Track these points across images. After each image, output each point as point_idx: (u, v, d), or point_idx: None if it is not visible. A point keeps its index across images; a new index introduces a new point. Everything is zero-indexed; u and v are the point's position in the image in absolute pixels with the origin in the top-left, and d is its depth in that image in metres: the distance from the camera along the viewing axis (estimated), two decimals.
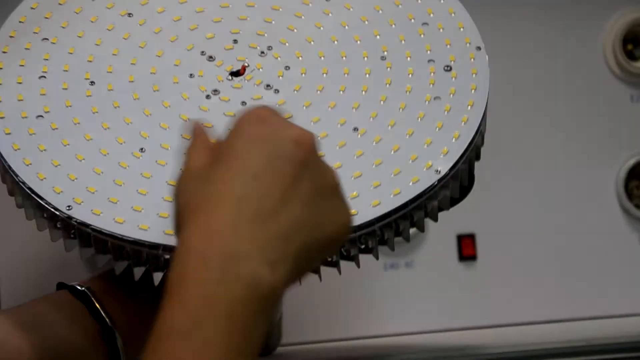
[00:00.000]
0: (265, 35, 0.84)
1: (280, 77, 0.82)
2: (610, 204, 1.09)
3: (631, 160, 1.08)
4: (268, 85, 0.82)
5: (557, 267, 1.09)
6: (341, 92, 0.82)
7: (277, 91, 0.82)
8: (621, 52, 1.08)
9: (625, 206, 1.07)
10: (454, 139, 0.77)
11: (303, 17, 0.85)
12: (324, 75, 0.82)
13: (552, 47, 1.09)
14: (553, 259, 1.09)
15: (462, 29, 0.83)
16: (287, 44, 0.84)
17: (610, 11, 1.10)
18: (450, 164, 0.75)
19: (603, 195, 1.09)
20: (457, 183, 0.75)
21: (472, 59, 0.82)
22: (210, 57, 0.83)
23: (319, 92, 0.82)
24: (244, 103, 0.81)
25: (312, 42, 0.83)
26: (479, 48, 0.82)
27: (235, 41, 0.84)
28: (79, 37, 0.83)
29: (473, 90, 0.80)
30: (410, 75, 0.82)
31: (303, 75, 0.83)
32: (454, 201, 0.77)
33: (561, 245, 1.09)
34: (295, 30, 0.84)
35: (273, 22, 0.84)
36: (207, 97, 0.81)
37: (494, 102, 0.83)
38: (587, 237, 1.10)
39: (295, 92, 0.82)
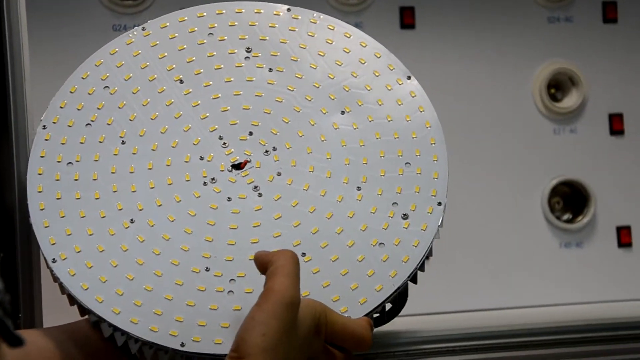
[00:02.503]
0: (277, 134, 0.84)
1: (270, 182, 0.81)
2: (536, 215, 1.16)
3: (553, 181, 1.16)
4: (255, 187, 0.81)
5: (494, 265, 1.15)
6: (310, 212, 0.81)
7: (260, 195, 0.81)
8: (546, 95, 1.16)
9: (549, 218, 1.16)
10: (376, 290, 0.78)
11: (314, 125, 0.84)
12: (304, 190, 0.82)
13: (491, 90, 1.17)
14: (491, 258, 1.15)
15: (435, 178, 0.83)
16: (289, 149, 0.83)
17: (538, 62, 1.17)
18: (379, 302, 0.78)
19: (531, 208, 1.16)
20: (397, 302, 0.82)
21: (429, 213, 0.82)
22: (225, 144, 0.83)
23: (293, 206, 0.81)
24: (229, 199, 0.81)
25: (310, 153, 0.83)
26: (439, 203, 0.82)
27: (250, 133, 0.83)
28: (133, 93, 0.84)
29: (414, 246, 0.81)
30: (373, 212, 0.81)
31: (288, 185, 0.82)
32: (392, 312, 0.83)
33: (498, 248, 1.15)
34: (302, 137, 0.84)
35: (289, 122, 0.84)
36: (204, 183, 0.81)
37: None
38: (518, 241, 1.16)
39: (274, 200, 0.81)
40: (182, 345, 0.75)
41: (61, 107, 0.84)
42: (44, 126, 0.84)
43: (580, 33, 1.18)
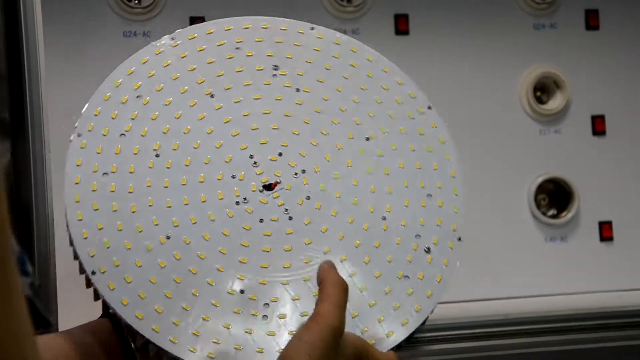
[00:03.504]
0: (306, 156, 0.81)
1: (299, 205, 0.79)
2: (523, 211, 1.17)
3: (539, 179, 1.17)
4: (286, 210, 0.79)
5: (483, 258, 1.16)
6: (339, 239, 0.78)
7: (290, 218, 0.79)
8: (532, 97, 1.17)
9: (535, 213, 1.17)
10: (403, 324, 0.76)
11: (341, 150, 0.82)
12: (332, 216, 0.79)
13: (480, 93, 1.17)
14: (480, 251, 1.16)
15: (456, 212, 0.81)
16: (317, 173, 0.80)
17: (524, 67, 1.18)
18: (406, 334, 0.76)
19: (519, 204, 1.18)
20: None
21: (450, 248, 0.80)
22: (255, 163, 0.80)
23: (322, 232, 0.79)
24: (261, 220, 0.78)
25: (337, 179, 0.81)
26: (459, 239, 0.81)
27: (280, 154, 0.81)
28: (166, 105, 0.81)
29: (437, 281, 0.79)
30: (397, 244, 0.79)
31: (317, 210, 0.79)
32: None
33: (487, 241, 1.16)
34: (329, 162, 0.81)
35: (317, 145, 0.81)
36: (237, 203, 0.79)
37: None
38: (505, 235, 1.17)
39: (304, 225, 0.79)
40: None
41: (95, 115, 0.80)
42: (79, 134, 0.80)
43: (564, 39, 1.19)
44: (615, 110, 1.20)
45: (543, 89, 1.20)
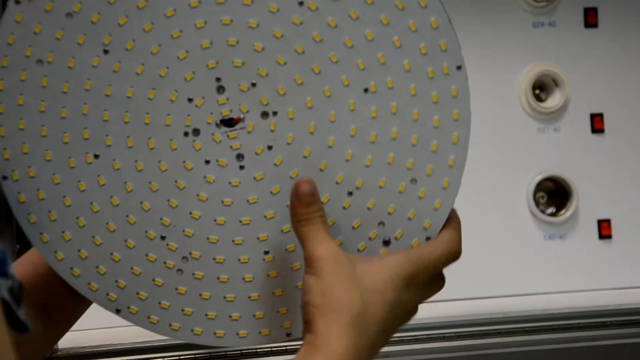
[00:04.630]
0: (284, 96, 0.67)
1: (257, 155, 0.68)
2: (522, 209, 1.17)
3: (538, 177, 1.16)
4: (239, 156, 0.68)
5: (482, 256, 1.15)
6: (287, 206, 0.67)
7: (242, 167, 0.68)
8: (531, 96, 1.17)
9: (533, 211, 1.16)
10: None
11: (329, 98, 0.67)
12: (290, 178, 0.68)
13: (480, 91, 1.10)
14: (479, 249, 1.15)
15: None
16: (291, 120, 0.68)
17: (523, 65, 1.18)
18: None
19: (517, 202, 1.17)
20: None
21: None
22: (220, 88, 0.67)
23: (272, 194, 0.69)
24: (207, 162, 0.68)
25: (312, 133, 0.68)
26: (428, 239, 0.69)
27: (253, 85, 0.67)
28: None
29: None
30: (353, 228, 0.69)
31: (275, 165, 0.68)
32: None
33: (486, 239, 1.15)
34: (310, 109, 0.68)
35: (302, 85, 0.67)
36: (185, 134, 0.68)
37: None
38: (505, 233, 1.16)
39: (254, 180, 0.68)
40: (118, 311, 0.70)
41: None
42: (17, 1, 0.66)
43: (563, 37, 1.18)
44: (614, 108, 1.20)
45: (542, 87, 1.19)
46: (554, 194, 1.19)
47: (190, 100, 0.67)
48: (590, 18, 1.19)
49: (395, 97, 0.68)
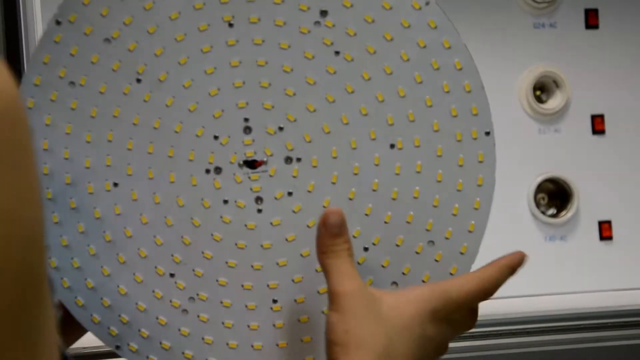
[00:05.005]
0: (310, 143, 0.66)
1: (276, 200, 0.67)
2: (523, 210, 1.17)
3: (539, 178, 1.16)
4: (258, 199, 0.67)
5: (483, 256, 0.98)
6: (302, 256, 0.66)
7: (259, 211, 0.67)
8: (532, 97, 1.17)
9: (534, 212, 1.16)
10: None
11: (354, 150, 0.66)
12: (307, 227, 0.67)
13: None
14: (481, 249, 1.02)
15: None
16: (314, 168, 0.66)
17: (524, 66, 1.17)
18: None
19: (518, 203, 1.17)
20: None
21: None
22: (248, 129, 0.66)
23: (287, 240, 0.67)
24: (225, 201, 0.66)
25: (333, 184, 0.67)
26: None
27: (281, 129, 0.66)
28: (170, 18, 0.65)
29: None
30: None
31: (293, 213, 0.67)
32: None
33: (487, 241, 0.99)
34: (334, 159, 0.66)
35: (329, 134, 0.66)
36: (207, 170, 0.66)
37: None
38: (505, 234, 1.15)
39: (271, 225, 0.67)
40: (117, 347, 0.68)
41: (84, 4, 0.65)
42: (58, 21, 0.65)
43: (563, 38, 1.18)
44: (615, 109, 1.20)
45: (543, 88, 1.19)
46: (554, 195, 1.19)
47: (216, 137, 0.66)
48: (591, 19, 1.19)
49: (421, 156, 0.67)
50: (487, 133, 0.69)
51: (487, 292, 0.68)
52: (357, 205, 0.67)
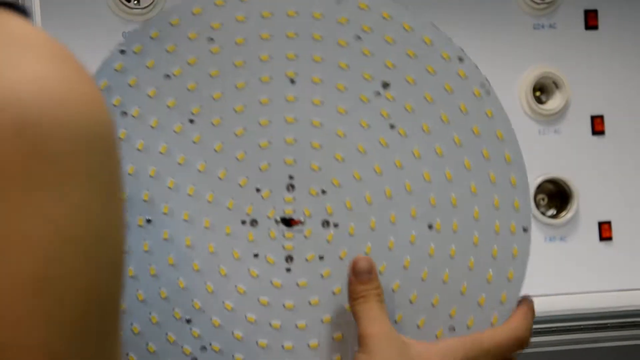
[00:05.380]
0: (350, 211, 0.67)
1: (306, 261, 0.67)
2: None
3: (538, 179, 1.16)
4: (289, 258, 0.67)
5: None
6: (322, 321, 0.66)
7: (288, 270, 0.67)
8: (531, 98, 1.16)
9: (534, 213, 1.15)
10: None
11: (388, 225, 0.66)
12: (332, 294, 0.67)
13: None
14: None
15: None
16: (350, 236, 0.66)
17: (523, 67, 1.17)
18: None
19: None
20: None
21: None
22: (291, 187, 0.66)
23: (309, 304, 0.67)
24: (256, 255, 0.66)
25: (367, 254, 0.67)
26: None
27: (323, 192, 0.66)
28: (235, 65, 0.66)
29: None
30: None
31: (321, 276, 0.67)
32: None
33: None
34: (372, 230, 0.67)
35: (371, 205, 0.66)
36: (243, 222, 0.66)
37: None
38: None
39: (296, 285, 0.67)
40: None
41: (152, 38, 0.64)
42: (123, 50, 0.66)
43: (563, 39, 1.18)
44: (615, 110, 1.20)
45: (542, 89, 1.19)
46: (554, 196, 1.19)
47: (257, 190, 0.66)
48: (591, 20, 1.19)
49: (457, 241, 0.67)
50: (525, 229, 0.69)
51: (521, 341, 0.69)
52: (385, 280, 0.67)
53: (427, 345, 0.66)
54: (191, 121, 0.65)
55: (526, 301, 0.72)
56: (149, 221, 0.66)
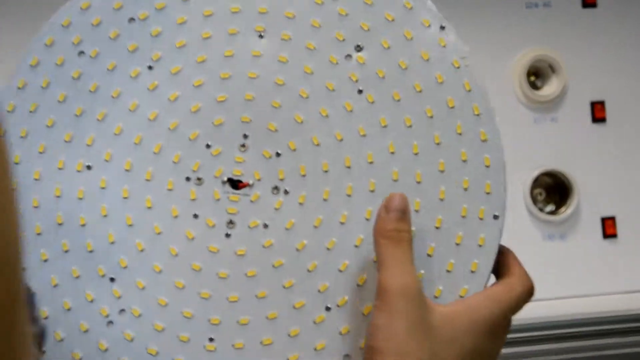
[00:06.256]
0: (304, 178, 0.64)
1: (249, 228, 0.64)
2: (519, 207, 1.16)
3: (535, 172, 1.16)
4: (231, 223, 0.65)
5: None
6: (257, 297, 0.64)
7: (227, 235, 0.65)
8: (526, 83, 1.17)
9: (531, 209, 1.16)
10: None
11: (350, 197, 0.64)
12: (273, 267, 0.64)
13: None
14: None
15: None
16: (300, 205, 0.64)
17: (516, 49, 1.17)
18: None
19: (513, 200, 1.14)
20: None
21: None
22: (243, 146, 0.65)
23: (246, 275, 0.64)
24: (195, 216, 0.64)
25: (315, 227, 0.64)
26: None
27: (278, 154, 0.64)
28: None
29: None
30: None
31: (263, 247, 0.64)
32: None
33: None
34: (325, 201, 0.64)
35: (328, 171, 0.64)
36: (187, 178, 0.65)
37: None
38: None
39: (235, 254, 0.64)
40: None
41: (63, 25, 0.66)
42: None
43: (559, 18, 1.18)
44: (616, 95, 1.19)
45: (537, 74, 1.19)
46: (553, 190, 1.18)
47: (208, 146, 0.65)
48: None
49: (417, 222, 0.64)
50: (496, 217, 0.65)
51: (532, 289, 0.67)
52: (332, 258, 0.64)
53: (450, 306, 0.63)
54: (150, 67, 0.65)
55: (508, 253, 0.69)
56: (88, 167, 0.65)
